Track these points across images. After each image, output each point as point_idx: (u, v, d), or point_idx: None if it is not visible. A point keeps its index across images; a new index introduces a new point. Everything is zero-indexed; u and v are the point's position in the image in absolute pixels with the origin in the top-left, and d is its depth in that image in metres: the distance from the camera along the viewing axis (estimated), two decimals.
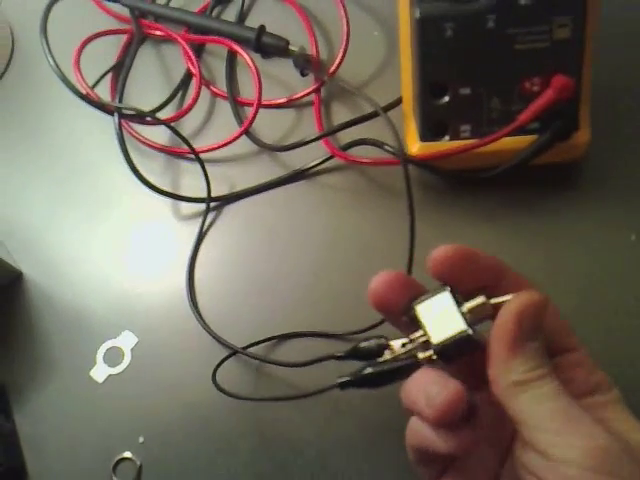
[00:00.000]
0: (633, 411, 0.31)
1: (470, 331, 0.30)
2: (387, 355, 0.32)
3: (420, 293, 0.32)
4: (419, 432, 0.30)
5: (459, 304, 0.30)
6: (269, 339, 0.43)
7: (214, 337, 0.43)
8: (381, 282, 0.32)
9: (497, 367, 0.30)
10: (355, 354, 0.34)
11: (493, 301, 0.30)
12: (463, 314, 0.30)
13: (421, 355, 0.31)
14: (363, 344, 0.33)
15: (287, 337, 0.43)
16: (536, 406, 0.29)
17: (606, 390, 0.31)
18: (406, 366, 0.31)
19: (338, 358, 0.35)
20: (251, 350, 0.43)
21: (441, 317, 0.30)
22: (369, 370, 0.32)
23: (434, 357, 0.30)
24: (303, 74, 0.49)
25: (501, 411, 0.30)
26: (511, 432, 0.31)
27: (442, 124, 0.42)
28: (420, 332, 0.31)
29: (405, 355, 0.32)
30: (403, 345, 0.32)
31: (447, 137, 0.42)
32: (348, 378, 0.32)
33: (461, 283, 0.31)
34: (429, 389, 0.29)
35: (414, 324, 0.31)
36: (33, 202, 0.50)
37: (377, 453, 0.40)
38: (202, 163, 0.47)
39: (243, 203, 0.48)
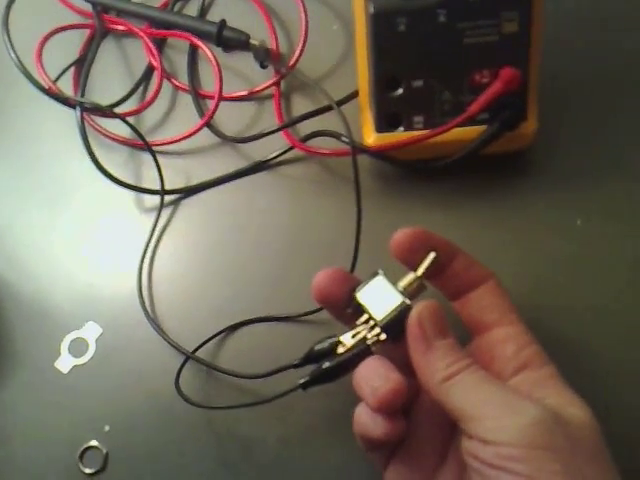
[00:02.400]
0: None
1: (408, 301, 0.33)
2: (340, 349, 0.34)
3: (358, 284, 0.34)
4: (361, 419, 0.33)
5: (394, 284, 0.33)
6: (219, 333, 0.44)
7: (167, 341, 0.44)
8: (322, 277, 0.35)
9: (422, 372, 0.32)
10: (311, 358, 0.36)
11: (419, 272, 0.33)
12: (400, 291, 0.33)
13: (370, 336, 0.32)
14: (317, 347, 0.36)
15: (240, 325, 0.44)
16: (465, 397, 0.30)
17: (539, 365, 0.33)
18: (359, 353, 0.34)
19: (296, 366, 0.37)
20: (206, 346, 0.43)
21: (380, 298, 0.33)
22: (327, 364, 0.34)
23: (382, 337, 0.32)
24: (263, 66, 0.50)
25: None
26: None
27: (396, 116, 0.43)
28: (365, 316, 0.33)
29: (356, 343, 0.34)
30: (353, 337, 0.34)
31: (401, 128, 0.43)
32: (308, 377, 0.35)
33: (418, 262, 0.34)
34: (373, 380, 0.31)
35: (359, 311, 0.33)
36: None
37: (336, 445, 0.41)
38: (154, 154, 0.47)
39: (204, 195, 0.48)
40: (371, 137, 0.44)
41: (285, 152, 0.48)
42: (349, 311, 0.34)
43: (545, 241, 0.44)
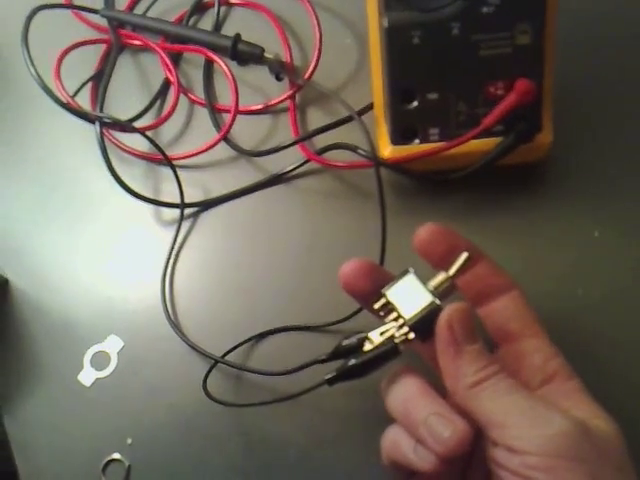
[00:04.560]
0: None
1: (438, 302, 0.32)
2: (367, 346, 0.34)
3: (387, 279, 0.34)
4: (399, 448, 0.32)
5: (424, 283, 0.33)
6: (248, 340, 0.44)
7: (191, 347, 0.44)
8: (350, 267, 0.35)
9: (450, 376, 0.32)
10: (338, 354, 0.35)
11: (451, 272, 0.33)
12: (430, 291, 0.33)
13: (398, 335, 0.32)
14: (344, 342, 0.35)
15: (266, 334, 0.44)
16: (493, 404, 0.30)
17: (566, 379, 0.33)
18: (387, 351, 0.33)
19: (323, 361, 0.36)
20: (232, 354, 0.44)
21: (410, 297, 0.33)
22: (353, 361, 0.34)
23: (410, 336, 0.32)
24: (278, 78, 0.51)
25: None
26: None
27: (412, 128, 0.43)
28: (394, 315, 0.33)
29: (384, 341, 0.33)
30: (381, 334, 0.34)
31: (417, 140, 0.43)
32: (335, 373, 0.34)
33: (442, 261, 0.34)
34: (434, 422, 0.30)
35: (387, 310, 0.33)
36: (17, 210, 0.51)
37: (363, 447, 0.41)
38: (174, 168, 0.48)
39: (222, 208, 0.49)
40: (387, 149, 0.44)
41: (301, 165, 0.48)
42: (376, 307, 0.34)
43: (562, 252, 0.44)
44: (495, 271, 0.36)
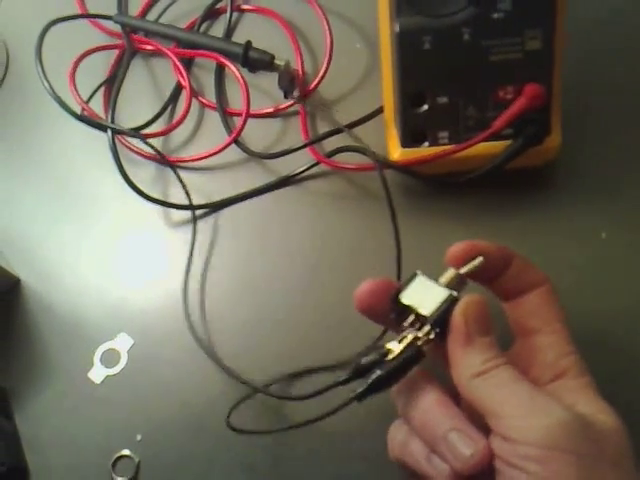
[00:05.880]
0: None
1: (455, 293, 0.32)
2: (390, 357, 0.33)
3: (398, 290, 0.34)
4: (409, 451, 0.32)
5: (435, 281, 0.33)
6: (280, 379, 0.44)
7: (213, 359, 0.44)
8: (365, 289, 0.35)
9: (456, 364, 0.32)
10: (358, 373, 0.34)
11: (462, 270, 0.33)
12: (443, 286, 0.33)
13: (420, 335, 0.32)
14: (363, 360, 0.33)
15: (298, 375, 0.44)
16: (493, 393, 0.30)
17: (576, 375, 0.33)
18: (411, 356, 0.32)
19: (343, 383, 0.34)
20: (245, 372, 0.43)
21: (425, 295, 0.33)
22: (379, 372, 0.32)
23: (431, 336, 0.32)
24: (286, 96, 0.51)
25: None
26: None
27: (422, 131, 0.44)
28: (411, 317, 0.33)
29: (407, 347, 0.32)
30: (400, 341, 0.33)
31: (427, 143, 0.44)
32: (361, 389, 0.33)
33: (475, 275, 0.34)
34: (455, 439, 0.30)
35: (403, 315, 0.33)
36: (29, 212, 0.51)
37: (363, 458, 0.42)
38: (175, 170, 0.49)
39: (233, 209, 0.49)
40: (397, 152, 0.45)
41: (311, 167, 0.49)
42: (392, 317, 0.34)
43: (570, 254, 0.44)
44: (525, 268, 0.35)
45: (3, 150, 0.54)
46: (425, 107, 0.43)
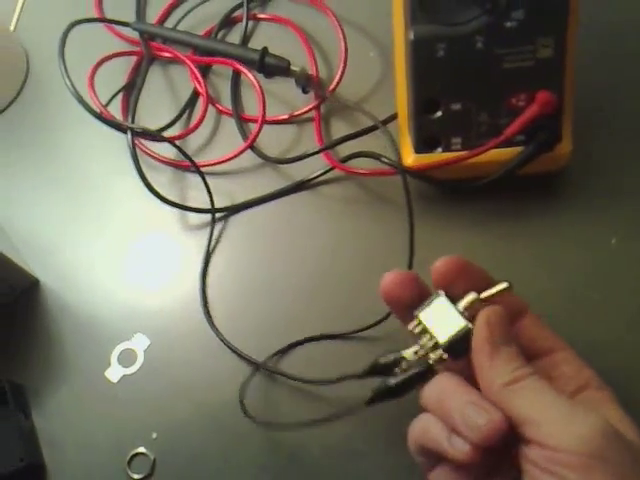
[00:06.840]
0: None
1: (470, 325, 0.33)
2: (403, 365, 0.35)
3: (425, 292, 0.35)
4: (430, 435, 0.33)
5: (455, 304, 0.34)
6: (286, 348, 0.45)
7: (234, 351, 0.45)
8: (392, 277, 0.36)
9: (485, 374, 0.32)
10: (374, 370, 0.36)
11: (483, 295, 0.34)
12: (460, 312, 0.34)
13: (432, 356, 0.34)
14: (381, 360, 0.36)
15: (296, 344, 0.45)
16: (529, 402, 0.30)
17: (599, 388, 0.33)
18: (422, 371, 0.34)
19: (359, 377, 0.37)
20: (261, 356, 0.44)
21: (442, 319, 0.34)
22: (390, 382, 0.35)
23: (444, 357, 0.34)
24: (305, 91, 0.52)
25: None
26: None
27: (435, 137, 0.44)
28: (427, 336, 0.34)
29: (419, 362, 0.35)
30: (415, 353, 0.35)
31: (440, 149, 0.45)
32: (372, 395, 0.35)
33: (456, 288, 0.35)
34: (470, 410, 0.31)
35: (421, 330, 0.35)
36: (48, 214, 0.53)
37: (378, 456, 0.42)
38: (202, 175, 0.49)
39: (248, 213, 0.50)
40: (410, 158, 0.45)
41: (325, 172, 0.50)
42: (410, 328, 0.35)
43: (580, 260, 0.45)
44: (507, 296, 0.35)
45: (22, 153, 0.55)
46: (439, 113, 0.44)
